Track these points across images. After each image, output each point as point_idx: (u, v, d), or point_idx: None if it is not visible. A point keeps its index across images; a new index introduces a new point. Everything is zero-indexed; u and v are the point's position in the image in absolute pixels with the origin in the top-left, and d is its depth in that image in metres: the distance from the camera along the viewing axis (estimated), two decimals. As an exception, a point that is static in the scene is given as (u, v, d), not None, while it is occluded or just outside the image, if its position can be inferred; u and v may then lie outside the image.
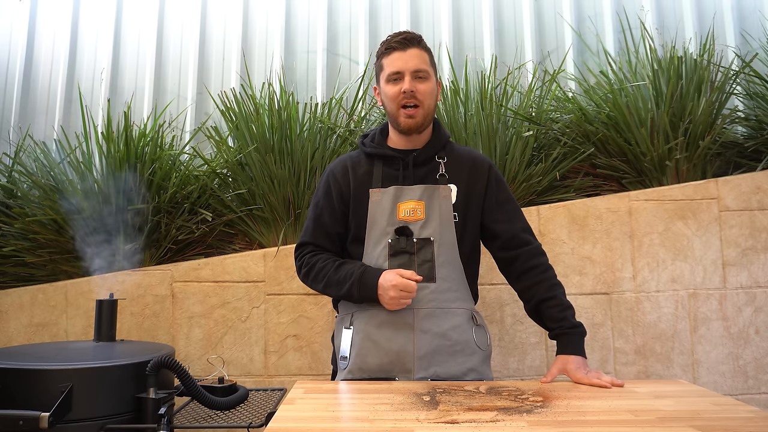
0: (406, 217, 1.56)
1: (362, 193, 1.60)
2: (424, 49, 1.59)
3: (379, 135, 1.67)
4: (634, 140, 2.35)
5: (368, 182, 1.60)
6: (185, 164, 2.55)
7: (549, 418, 1.09)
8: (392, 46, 1.57)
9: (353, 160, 1.66)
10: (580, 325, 1.51)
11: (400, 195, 1.57)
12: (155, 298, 2.23)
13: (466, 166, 1.62)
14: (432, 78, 1.59)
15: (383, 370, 1.51)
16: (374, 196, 1.58)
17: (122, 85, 2.96)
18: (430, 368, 1.49)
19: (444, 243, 1.55)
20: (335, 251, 1.66)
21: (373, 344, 1.52)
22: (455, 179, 1.60)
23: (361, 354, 1.52)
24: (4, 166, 2.56)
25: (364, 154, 1.66)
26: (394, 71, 1.55)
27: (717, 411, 1.12)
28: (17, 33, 3.02)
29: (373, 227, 1.57)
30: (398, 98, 1.55)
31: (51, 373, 1.21)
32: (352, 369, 1.52)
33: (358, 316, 1.56)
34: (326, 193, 1.65)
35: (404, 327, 1.51)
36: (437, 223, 1.55)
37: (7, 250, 2.31)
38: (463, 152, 1.67)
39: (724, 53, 2.80)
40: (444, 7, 2.95)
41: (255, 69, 2.89)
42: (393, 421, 1.07)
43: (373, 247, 1.57)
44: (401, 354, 1.50)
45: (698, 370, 2.17)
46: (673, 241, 2.23)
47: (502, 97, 2.46)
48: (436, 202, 1.56)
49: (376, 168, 1.61)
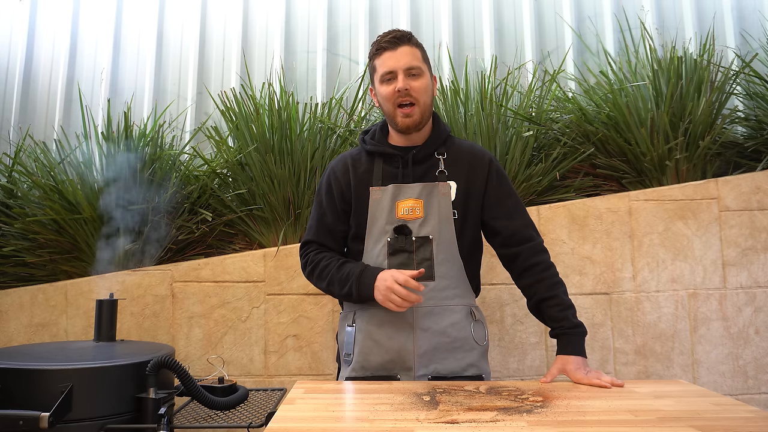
0: (405, 215, 1.56)
1: (362, 191, 1.60)
2: (416, 46, 1.58)
3: (379, 132, 1.67)
4: (634, 140, 2.35)
5: (368, 180, 1.60)
6: (185, 164, 2.55)
7: (549, 418, 1.09)
8: (382, 46, 1.56)
9: (353, 158, 1.66)
10: (580, 324, 1.51)
11: (399, 193, 1.57)
12: (155, 298, 2.23)
13: (465, 161, 1.62)
14: (425, 74, 1.58)
15: (385, 368, 1.53)
16: (374, 195, 1.58)
17: (122, 85, 2.96)
18: (431, 365, 1.52)
19: (443, 241, 1.56)
20: (339, 249, 1.67)
21: (374, 343, 1.54)
22: (455, 175, 1.60)
23: (363, 352, 1.54)
24: (4, 166, 2.56)
25: (365, 151, 1.65)
26: (386, 71, 1.55)
27: (717, 411, 1.12)
28: (17, 33, 3.02)
29: (372, 225, 1.58)
30: (393, 97, 1.55)
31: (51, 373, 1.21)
32: (355, 367, 1.54)
33: (360, 314, 1.58)
34: (328, 192, 1.65)
35: (404, 325, 1.53)
36: (436, 220, 1.55)
37: (7, 250, 2.31)
38: (464, 147, 1.66)
39: (724, 53, 2.80)
40: (444, 7, 2.95)
41: (255, 69, 2.89)
42: (393, 421, 1.07)
43: (373, 245, 1.58)
44: (402, 352, 1.52)
45: (698, 370, 2.17)
46: (673, 241, 2.22)
47: (502, 97, 2.46)
48: (435, 200, 1.56)
49: (376, 166, 1.61)
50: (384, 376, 1.53)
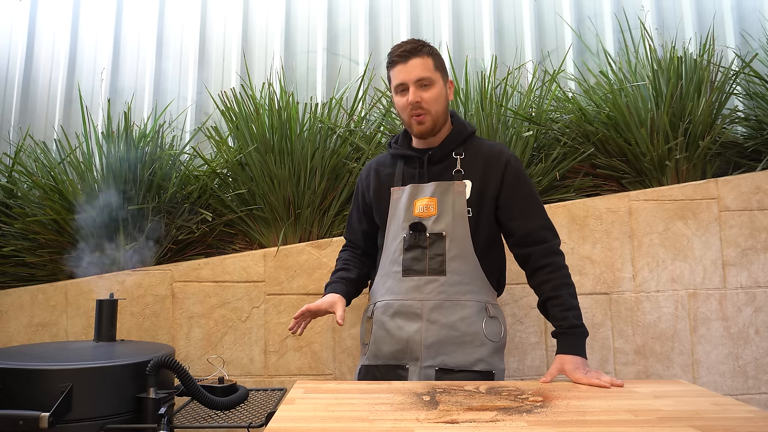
0: (421, 213, 1.65)
1: (385, 192, 1.73)
2: (428, 55, 1.64)
3: (402, 136, 1.79)
4: (634, 140, 2.35)
5: (390, 182, 1.73)
6: (185, 164, 2.55)
7: (549, 418, 1.09)
8: (394, 59, 1.65)
9: (379, 162, 1.81)
10: (581, 325, 1.52)
11: (416, 192, 1.67)
12: (155, 298, 2.23)
13: (481, 161, 1.66)
14: (437, 83, 1.64)
15: (395, 357, 1.62)
16: (395, 194, 1.71)
17: (122, 85, 2.96)
18: (438, 357, 1.57)
19: (456, 237, 1.61)
20: (363, 246, 1.84)
21: (386, 333, 1.63)
22: (471, 174, 1.65)
23: (376, 342, 1.65)
24: (4, 166, 2.56)
25: (390, 155, 1.79)
26: (398, 83, 1.65)
27: (717, 411, 1.12)
28: (17, 33, 3.02)
29: (392, 223, 1.70)
30: (407, 109, 1.64)
31: (51, 373, 1.21)
32: (369, 356, 1.66)
33: (377, 307, 1.68)
34: (355, 194, 1.86)
35: (414, 317, 1.60)
36: (450, 218, 1.62)
37: (7, 250, 2.31)
38: (483, 147, 1.71)
39: (724, 53, 2.80)
40: (444, 7, 2.95)
41: (255, 69, 2.90)
42: (393, 421, 1.07)
43: (391, 241, 1.69)
44: (411, 342, 1.59)
45: (698, 370, 2.17)
46: (673, 241, 2.23)
47: (502, 97, 2.46)
48: (450, 198, 1.63)
49: (398, 168, 1.73)
50: (394, 365, 1.61)
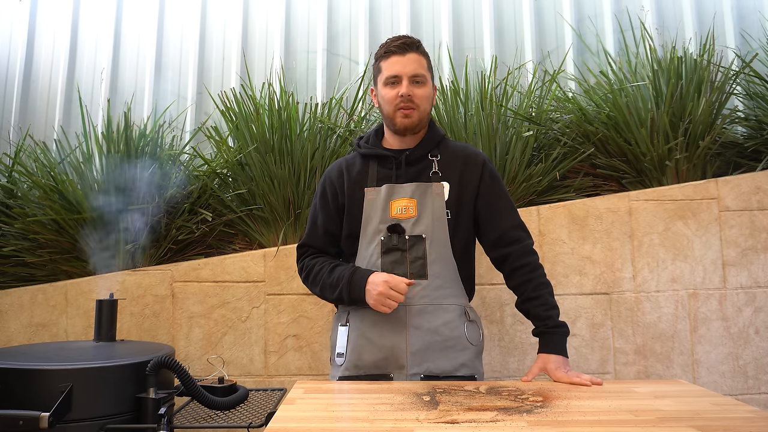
0: (399, 214, 1.58)
1: (356, 193, 1.63)
2: (423, 54, 1.62)
3: (373, 136, 1.71)
4: (634, 140, 2.35)
5: (363, 182, 1.63)
6: (185, 164, 2.55)
7: (549, 418, 1.09)
8: (391, 50, 1.59)
9: (348, 162, 1.70)
10: (564, 325, 1.53)
11: (392, 193, 1.59)
12: (155, 298, 2.23)
13: (459, 163, 1.63)
14: (429, 83, 1.62)
15: (377, 366, 1.53)
16: (369, 195, 1.61)
17: (122, 85, 2.96)
18: (423, 364, 1.52)
19: (436, 240, 1.57)
20: (332, 252, 1.70)
21: (367, 341, 1.55)
22: (448, 176, 1.62)
23: (356, 351, 1.55)
24: (4, 166, 2.55)
25: (360, 155, 1.69)
26: (392, 75, 1.58)
27: (717, 411, 1.13)
28: (17, 33, 3.02)
29: (367, 225, 1.60)
30: (395, 101, 1.58)
31: (51, 373, 1.21)
32: (348, 366, 1.55)
33: (353, 314, 1.59)
34: (322, 196, 1.69)
35: (397, 324, 1.54)
36: (429, 220, 1.57)
37: (7, 250, 2.31)
38: (458, 149, 1.68)
39: (724, 53, 2.80)
40: (444, 7, 2.95)
41: (255, 69, 2.89)
42: (393, 421, 1.07)
43: (367, 244, 1.60)
44: (395, 350, 1.53)
45: (698, 370, 2.17)
46: (673, 241, 2.23)
47: (502, 97, 2.46)
48: (429, 200, 1.58)
49: (371, 168, 1.65)
50: (377, 375, 1.53)
